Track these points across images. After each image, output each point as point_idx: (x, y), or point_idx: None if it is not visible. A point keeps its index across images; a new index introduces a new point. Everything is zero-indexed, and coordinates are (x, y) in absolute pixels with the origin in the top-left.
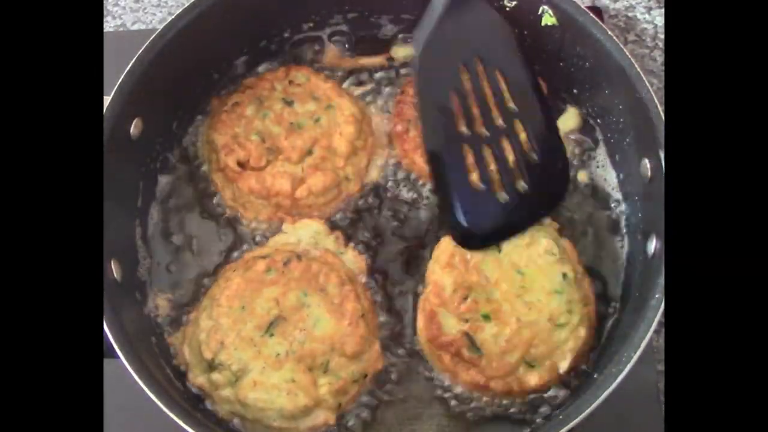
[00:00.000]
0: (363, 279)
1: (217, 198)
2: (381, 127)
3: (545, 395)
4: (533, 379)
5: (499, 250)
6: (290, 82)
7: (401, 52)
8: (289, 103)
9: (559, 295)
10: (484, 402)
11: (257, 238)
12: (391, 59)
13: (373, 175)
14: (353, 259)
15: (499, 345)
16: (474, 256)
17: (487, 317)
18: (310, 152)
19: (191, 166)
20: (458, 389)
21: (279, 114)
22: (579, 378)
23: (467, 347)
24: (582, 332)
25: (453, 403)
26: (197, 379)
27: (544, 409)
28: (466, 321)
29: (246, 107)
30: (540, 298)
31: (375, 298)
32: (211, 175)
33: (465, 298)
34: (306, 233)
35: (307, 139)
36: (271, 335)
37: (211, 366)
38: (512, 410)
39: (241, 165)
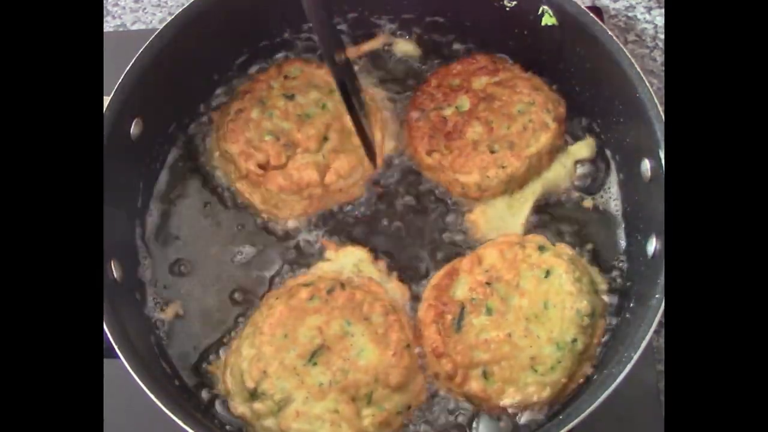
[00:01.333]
0: (407, 308)
1: (215, 197)
2: (384, 103)
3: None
4: (477, 386)
5: (547, 275)
6: (285, 77)
7: (401, 47)
8: (290, 98)
9: (558, 350)
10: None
11: (258, 234)
12: (387, 44)
13: (390, 146)
14: (397, 289)
15: (477, 338)
16: (524, 263)
17: (489, 310)
18: (326, 138)
19: (190, 166)
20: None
21: (284, 110)
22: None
23: (454, 317)
24: (545, 393)
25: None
26: (238, 408)
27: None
28: (472, 299)
29: (250, 111)
30: (541, 335)
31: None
32: (235, 185)
33: (488, 283)
34: (349, 261)
35: (319, 126)
36: (314, 364)
37: (253, 395)
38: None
39: (263, 167)
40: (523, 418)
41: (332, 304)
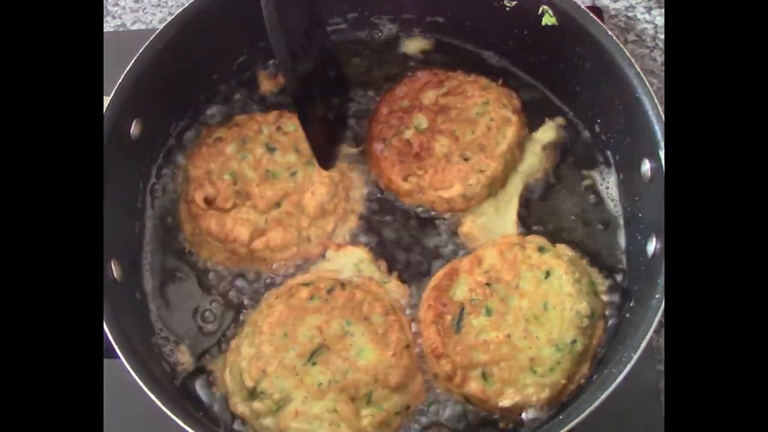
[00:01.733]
0: (406, 309)
1: None
2: (359, 192)
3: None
4: (476, 387)
5: (547, 276)
6: (278, 128)
7: (412, 46)
8: (271, 150)
9: (557, 351)
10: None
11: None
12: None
13: (338, 240)
14: (396, 289)
15: (476, 339)
16: (524, 264)
17: (488, 311)
18: (278, 204)
19: None
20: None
21: (258, 159)
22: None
23: (453, 317)
24: (544, 394)
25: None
26: (238, 407)
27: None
28: (472, 300)
29: (228, 144)
30: (541, 337)
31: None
32: (178, 205)
33: (488, 283)
34: (350, 261)
35: (278, 191)
36: (314, 364)
37: (253, 394)
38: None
39: (208, 202)
40: (522, 418)
41: (332, 304)
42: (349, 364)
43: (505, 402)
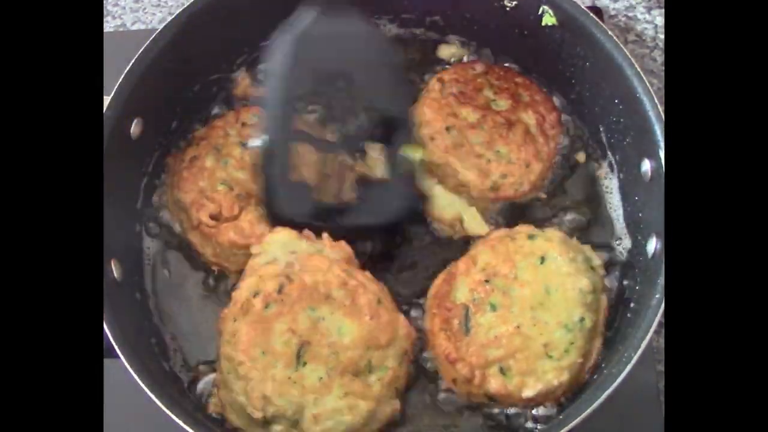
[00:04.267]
0: (355, 263)
1: None
2: None
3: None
4: (496, 384)
5: (543, 261)
6: (243, 124)
7: (445, 51)
8: (247, 145)
9: (568, 332)
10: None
11: None
12: None
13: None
14: (333, 249)
15: (487, 336)
16: (518, 254)
17: (493, 307)
18: None
19: None
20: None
21: (239, 158)
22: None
23: (460, 320)
24: (564, 376)
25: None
26: None
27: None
28: (474, 299)
29: (205, 159)
30: (549, 321)
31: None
32: (188, 236)
33: (486, 280)
34: (277, 248)
35: None
36: (305, 364)
37: (267, 422)
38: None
39: (215, 218)
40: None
41: (288, 301)
42: (336, 347)
43: (529, 393)
